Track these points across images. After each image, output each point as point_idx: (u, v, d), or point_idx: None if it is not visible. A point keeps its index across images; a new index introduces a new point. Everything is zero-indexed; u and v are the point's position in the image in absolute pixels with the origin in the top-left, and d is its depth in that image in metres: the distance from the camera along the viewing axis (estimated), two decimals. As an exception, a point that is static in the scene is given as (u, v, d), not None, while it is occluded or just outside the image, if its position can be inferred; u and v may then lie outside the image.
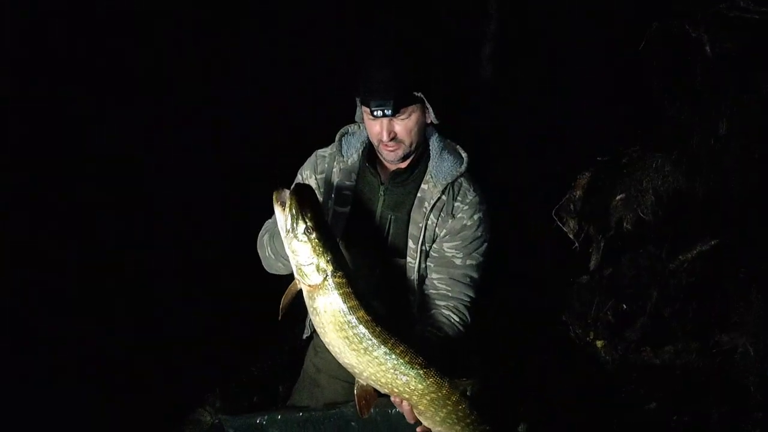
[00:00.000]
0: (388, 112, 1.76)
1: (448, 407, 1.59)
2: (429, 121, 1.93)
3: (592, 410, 2.69)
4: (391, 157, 1.91)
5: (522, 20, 5.04)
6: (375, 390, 1.66)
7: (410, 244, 1.95)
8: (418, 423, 1.75)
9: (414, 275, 1.95)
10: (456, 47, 4.86)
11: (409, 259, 1.96)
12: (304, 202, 1.57)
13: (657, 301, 3.38)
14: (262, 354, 3.43)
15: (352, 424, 1.83)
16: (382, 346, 1.56)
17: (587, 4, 4.84)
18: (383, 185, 1.99)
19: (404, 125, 1.83)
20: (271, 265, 1.99)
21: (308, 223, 1.55)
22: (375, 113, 1.77)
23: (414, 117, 1.84)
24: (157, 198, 3.72)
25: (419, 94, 1.81)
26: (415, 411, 1.63)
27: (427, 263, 1.97)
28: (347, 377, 2.07)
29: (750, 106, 3.47)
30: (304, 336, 2.25)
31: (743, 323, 2.98)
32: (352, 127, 2.08)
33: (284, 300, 1.67)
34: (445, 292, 1.93)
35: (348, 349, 1.59)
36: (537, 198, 4.07)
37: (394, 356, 1.56)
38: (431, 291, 1.95)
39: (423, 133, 1.94)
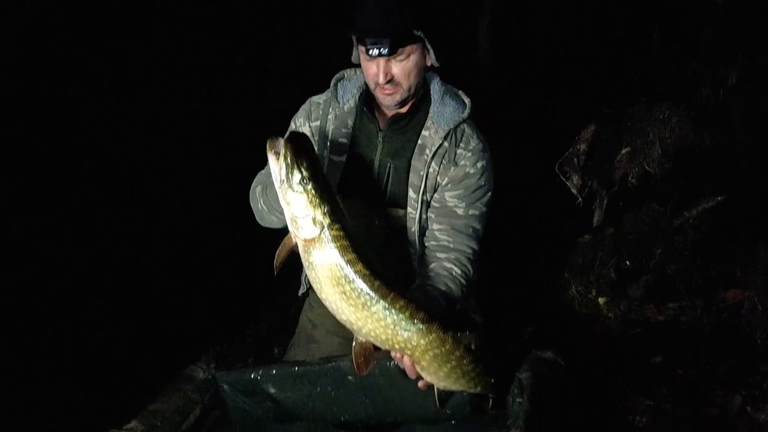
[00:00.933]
0: (385, 51, 1.65)
1: (452, 362, 1.54)
2: (429, 64, 1.82)
3: (595, 366, 2.65)
4: (388, 102, 1.82)
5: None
6: (374, 346, 1.59)
7: (411, 193, 1.87)
8: (419, 378, 1.72)
9: (415, 226, 1.87)
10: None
11: (409, 209, 1.88)
12: (300, 150, 1.48)
13: (661, 258, 3.32)
14: (256, 316, 3.40)
15: (349, 378, 1.76)
16: (382, 301, 1.48)
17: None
18: (381, 132, 1.90)
19: (402, 67, 1.73)
20: (263, 218, 1.88)
21: (304, 173, 1.46)
22: (371, 52, 1.66)
23: (413, 58, 1.74)
24: (157, 198, 3.73)
25: (419, 33, 1.69)
26: (417, 367, 1.57)
27: (428, 214, 1.88)
28: (343, 333, 2.03)
29: (761, 57, 3.37)
30: (300, 292, 2.19)
31: (749, 279, 2.93)
32: (348, 72, 1.98)
33: (278, 255, 1.58)
34: (446, 243, 1.84)
35: (345, 305, 1.51)
36: (540, 152, 3.97)
37: (394, 311, 1.48)
38: (432, 242, 1.86)
39: (422, 76, 1.84)
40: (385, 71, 1.72)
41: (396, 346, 1.53)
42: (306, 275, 2.08)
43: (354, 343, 1.59)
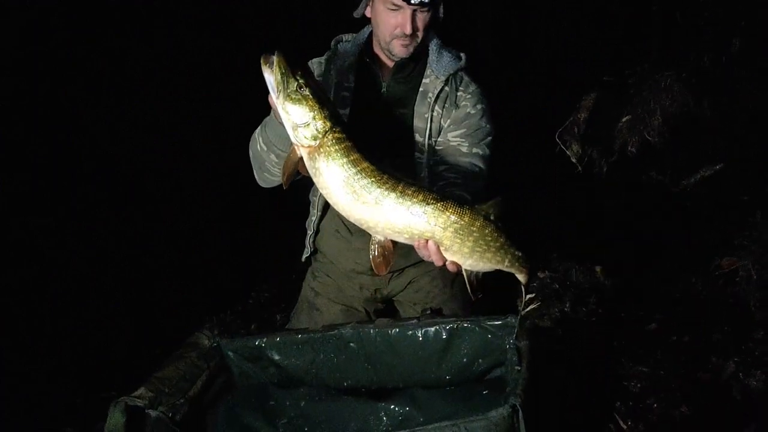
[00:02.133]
0: (428, 2, 1.74)
1: (474, 234, 1.53)
2: (440, 16, 1.92)
3: (591, 333, 2.67)
4: (403, 53, 1.87)
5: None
6: (392, 244, 1.59)
7: (417, 137, 1.92)
8: (449, 286, 1.84)
9: (424, 172, 1.92)
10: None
11: (417, 154, 1.92)
12: (293, 60, 1.50)
13: (658, 226, 3.31)
14: (258, 285, 3.43)
15: (351, 345, 1.80)
16: (392, 192, 1.48)
17: None
18: (384, 82, 1.97)
19: (424, 20, 1.82)
20: (263, 165, 1.87)
21: (300, 80, 1.47)
22: (413, 0, 1.72)
23: (432, 12, 1.84)
24: (157, 198, 3.73)
25: None
26: (441, 249, 1.56)
27: (434, 157, 1.94)
28: (345, 300, 2.14)
29: (762, 25, 3.32)
30: (303, 257, 2.22)
31: (746, 247, 2.93)
32: (346, 36, 2.05)
33: (285, 169, 1.59)
34: (454, 180, 1.87)
35: (358, 204, 1.51)
36: (540, 120, 3.95)
37: (407, 198, 1.48)
38: (440, 183, 1.89)
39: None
40: (413, 22, 1.79)
41: (416, 232, 1.52)
42: (311, 239, 2.16)
43: (371, 243, 1.59)
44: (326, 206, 2.07)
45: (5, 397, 2.48)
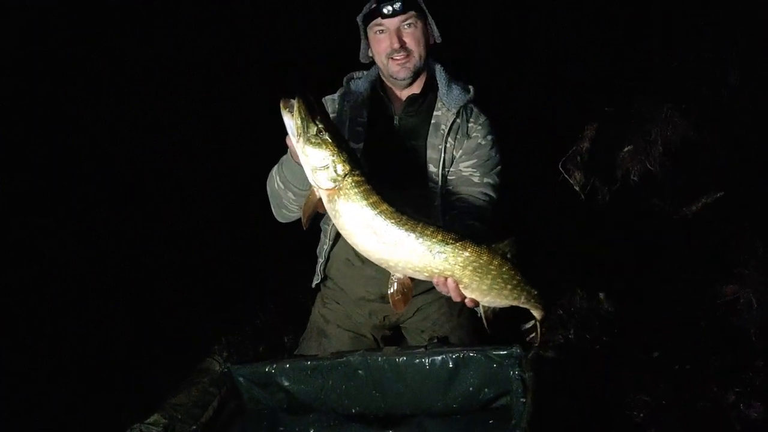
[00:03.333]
0: (398, 6, 1.84)
1: (492, 272, 1.60)
2: (432, 42, 2.00)
3: (595, 362, 2.70)
4: (403, 73, 1.95)
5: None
6: (411, 281, 1.65)
7: (431, 168, 1.99)
8: (456, 315, 1.91)
9: (437, 201, 1.98)
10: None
11: (431, 184, 1.98)
12: (312, 105, 1.55)
13: (660, 253, 3.35)
14: (267, 306, 3.45)
15: (359, 372, 1.83)
16: (412, 233, 1.54)
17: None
18: (397, 115, 2.03)
19: (412, 33, 1.90)
20: (281, 202, 1.94)
21: (319, 125, 1.52)
22: (385, 10, 1.84)
23: (420, 27, 1.92)
24: (157, 198, 3.73)
25: (422, 4, 1.90)
26: (460, 286, 1.62)
27: (447, 187, 2.00)
28: (354, 327, 2.18)
29: (762, 56, 3.40)
30: (314, 283, 2.26)
31: (747, 275, 2.96)
32: (357, 73, 2.12)
33: (305, 211, 1.64)
34: (467, 209, 1.95)
35: (378, 245, 1.57)
36: (543, 150, 4.01)
37: (426, 238, 1.54)
38: (453, 212, 1.97)
39: (428, 49, 1.99)
40: (398, 36, 1.89)
41: (436, 270, 1.58)
42: (321, 265, 2.20)
43: (390, 282, 1.65)
44: (338, 235, 2.08)
45: (5, 397, 2.48)
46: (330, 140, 1.53)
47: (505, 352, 1.71)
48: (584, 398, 2.35)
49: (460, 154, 2.01)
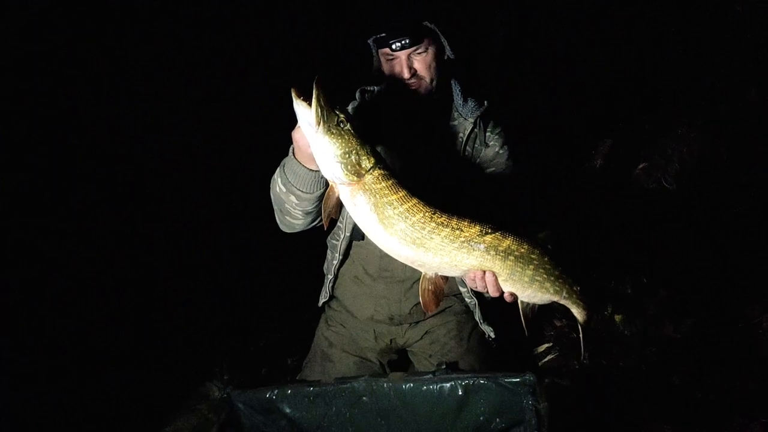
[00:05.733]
0: (407, 41, 1.78)
1: (534, 262, 1.52)
2: (446, 57, 1.95)
3: (612, 388, 2.61)
4: (418, 94, 1.91)
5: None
6: (443, 279, 1.55)
7: (448, 178, 1.95)
8: (466, 339, 1.84)
9: (456, 208, 1.92)
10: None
11: (449, 194, 1.89)
12: (330, 93, 1.41)
13: (678, 273, 3.24)
14: (270, 327, 3.39)
15: (364, 399, 1.75)
16: (447, 227, 1.45)
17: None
18: (413, 125, 1.99)
19: (423, 60, 1.86)
20: (283, 207, 1.81)
21: (340, 115, 1.41)
22: (394, 46, 1.79)
23: (431, 51, 1.87)
24: (157, 198, 3.73)
25: (433, 26, 1.85)
26: (499, 280, 1.53)
27: (466, 196, 1.96)
28: (359, 351, 2.10)
29: None
30: (320, 302, 2.20)
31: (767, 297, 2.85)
32: (368, 87, 2.06)
33: (325, 208, 1.52)
34: (487, 210, 1.87)
35: (407, 242, 1.46)
36: (555, 166, 3.92)
37: (463, 230, 1.46)
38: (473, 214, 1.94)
39: (442, 68, 1.95)
40: (408, 66, 1.83)
41: (474, 264, 1.49)
42: (329, 284, 2.12)
43: (422, 282, 1.55)
44: (347, 251, 2.07)
45: (5, 397, 2.48)
46: (352, 131, 1.42)
47: (518, 380, 1.64)
48: (603, 427, 2.26)
49: (479, 162, 2.01)
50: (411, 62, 1.85)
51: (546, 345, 2.20)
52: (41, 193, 3.14)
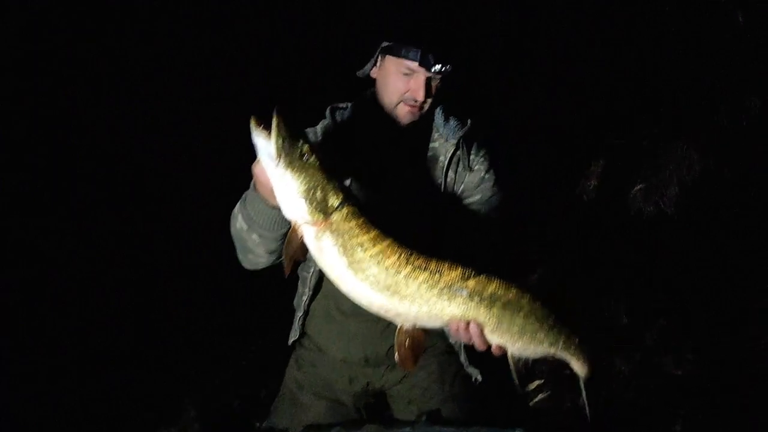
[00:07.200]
0: (448, 68, 1.59)
1: (524, 310, 1.34)
2: None
3: (608, 428, 2.49)
4: (409, 119, 1.73)
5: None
6: (423, 332, 1.37)
7: (429, 206, 1.77)
8: (449, 383, 1.66)
9: (434, 239, 1.73)
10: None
11: (431, 223, 1.76)
12: (293, 123, 1.28)
13: (679, 301, 3.01)
14: (245, 351, 3.25)
15: None
16: (425, 270, 1.29)
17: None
18: (389, 147, 1.79)
19: (438, 85, 1.68)
20: (245, 245, 1.67)
21: (304, 147, 1.26)
22: (433, 68, 1.58)
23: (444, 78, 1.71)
24: (157, 198, 3.73)
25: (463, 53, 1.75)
26: (485, 331, 1.36)
27: (449, 225, 1.78)
28: (332, 395, 1.87)
29: None
30: (290, 340, 1.97)
31: None
32: (341, 104, 1.87)
33: (287, 252, 1.36)
34: (473, 250, 1.72)
35: (380, 289, 1.30)
36: (546, 188, 3.73)
37: (443, 274, 1.29)
38: (462, 251, 1.69)
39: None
40: (426, 88, 1.65)
41: (456, 313, 1.32)
42: (300, 320, 1.90)
43: (398, 335, 1.37)
44: (318, 284, 1.87)
45: (5, 397, 2.48)
46: (318, 164, 1.28)
47: None
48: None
49: (461, 189, 1.81)
50: (430, 87, 1.65)
51: (537, 382, 1.99)
52: (41, 193, 3.14)
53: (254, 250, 1.64)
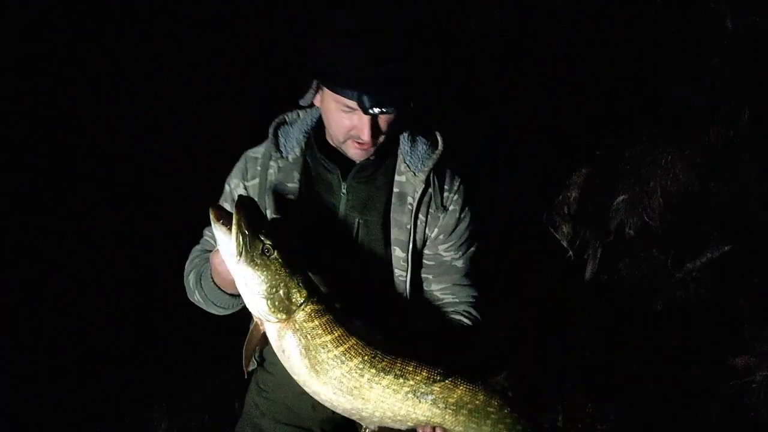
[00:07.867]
0: (391, 110, 1.33)
1: (491, 417, 1.29)
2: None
3: None
4: (360, 157, 1.47)
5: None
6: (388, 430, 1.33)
7: (397, 252, 1.53)
8: None
9: (406, 290, 1.54)
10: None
11: (397, 271, 1.54)
12: (254, 216, 1.25)
13: (660, 317, 2.97)
14: (218, 365, 3.12)
15: None
16: (390, 372, 1.25)
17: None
18: (344, 182, 1.51)
19: (386, 120, 1.40)
20: (202, 306, 1.61)
21: (266, 242, 1.22)
22: (371, 110, 1.31)
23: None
24: (157, 198, 3.73)
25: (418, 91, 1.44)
26: None
27: (423, 273, 1.60)
28: (296, 421, 1.72)
29: None
30: (249, 368, 1.65)
31: (757, 346, 2.61)
32: (289, 116, 1.63)
33: (247, 348, 1.34)
34: (451, 300, 1.60)
35: (344, 392, 1.26)
36: (526, 200, 3.58)
37: (407, 377, 1.25)
38: (435, 303, 1.61)
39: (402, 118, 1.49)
40: (372, 128, 1.38)
41: (422, 418, 1.28)
42: (261, 348, 1.71)
43: None
44: None
45: (5, 397, 2.48)
46: (280, 260, 1.23)
47: None
48: None
49: (436, 233, 1.55)
50: (375, 125, 1.38)
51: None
52: (41, 193, 3.15)
53: (214, 313, 1.63)
